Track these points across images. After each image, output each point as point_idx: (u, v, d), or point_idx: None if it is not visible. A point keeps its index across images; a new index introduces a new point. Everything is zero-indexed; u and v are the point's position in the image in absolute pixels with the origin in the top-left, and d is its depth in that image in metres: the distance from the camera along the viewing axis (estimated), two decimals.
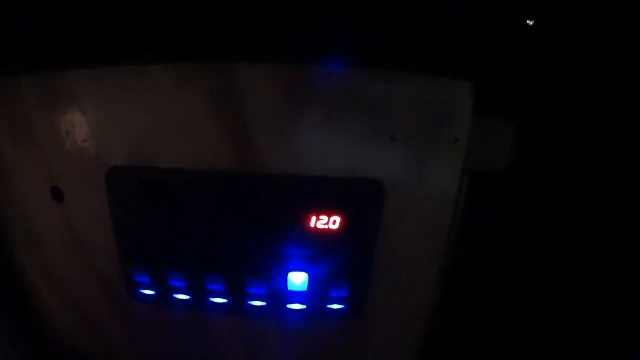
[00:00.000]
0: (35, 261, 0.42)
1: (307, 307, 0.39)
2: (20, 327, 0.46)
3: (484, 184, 0.39)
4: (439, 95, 0.33)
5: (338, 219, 0.35)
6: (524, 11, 0.45)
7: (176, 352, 0.44)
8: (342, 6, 0.36)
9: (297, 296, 0.38)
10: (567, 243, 0.46)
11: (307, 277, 0.37)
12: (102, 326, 0.43)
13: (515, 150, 0.37)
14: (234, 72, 0.32)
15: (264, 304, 0.39)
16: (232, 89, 0.33)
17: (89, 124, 0.35)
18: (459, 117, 0.34)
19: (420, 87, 0.33)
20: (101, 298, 0.41)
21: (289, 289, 0.38)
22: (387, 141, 0.33)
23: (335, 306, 0.38)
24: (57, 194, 0.38)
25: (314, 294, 0.38)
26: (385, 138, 0.33)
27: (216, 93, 0.33)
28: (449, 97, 0.33)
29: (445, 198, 0.36)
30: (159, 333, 0.42)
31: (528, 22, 0.45)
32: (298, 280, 0.37)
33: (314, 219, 0.35)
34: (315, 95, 0.32)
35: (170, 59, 0.33)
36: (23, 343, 0.46)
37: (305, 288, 0.38)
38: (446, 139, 0.34)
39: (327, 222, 0.35)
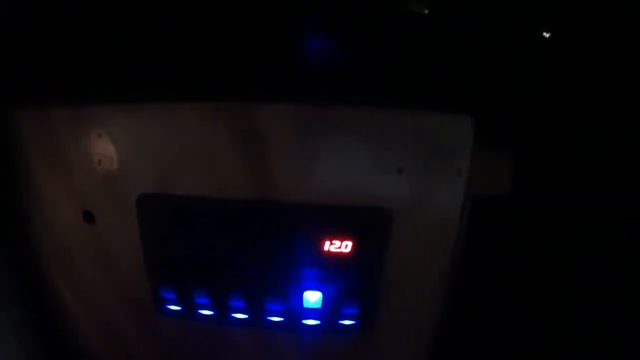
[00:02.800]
0: (67, 278, 0.45)
1: (321, 322, 0.41)
2: (50, 340, 0.48)
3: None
4: (441, 130, 0.36)
5: (350, 243, 0.38)
6: (521, 44, 0.48)
7: None
8: (351, 50, 0.38)
9: (311, 313, 0.41)
10: (566, 262, 0.49)
11: (321, 296, 0.40)
12: (129, 339, 0.46)
13: (516, 177, 0.39)
14: (254, 111, 0.35)
15: (281, 319, 0.42)
16: (252, 126, 0.36)
17: (120, 154, 0.38)
18: (461, 149, 0.36)
19: (424, 123, 0.36)
20: (129, 313, 0.44)
21: (304, 306, 0.41)
22: (394, 173, 0.36)
23: (347, 322, 0.41)
24: (89, 217, 0.41)
25: (327, 311, 0.41)
26: (393, 170, 0.36)
27: (238, 129, 0.36)
28: (451, 131, 0.36)
29: (448, 223, 0.38)
30: (183, 345, 0.46)
31: (526, 53, 0.48)
32: (313, 298, 0.40)
33: (327, 243, 0.38)
34: (328, 132, 0.35)
35: (196, 98, 0.37)
36: (54, 356, 0.49)
37: (319, 305, 0.40)
38: (449, 169, 0.37)
39: (340, 246, 0.38)
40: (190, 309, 0.42)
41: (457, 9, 0.46)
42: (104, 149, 0.38)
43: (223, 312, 0.42)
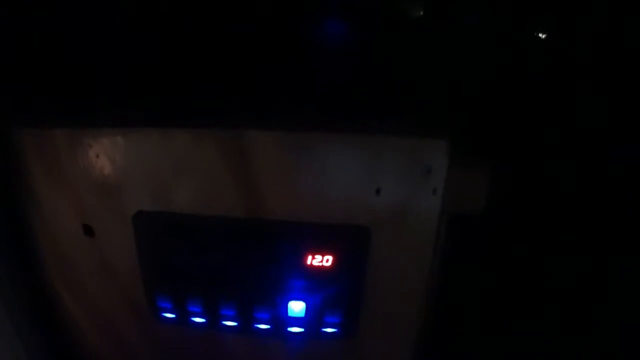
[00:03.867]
0: (69, 287, 0.47)
1: (305, 330, 0.44)
2: (51, 344, 0.51)
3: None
4: (417, 153, 0.38)
5: (331, 257, 0.40)
6: (499, 63, 0.50)
7: None
8: (331, 79, 0.41)
9: (296, 321, 0.44)
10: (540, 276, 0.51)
11: (305, 306, 0.43)
12: (128, 344, 0.49)
13: (491, 194, 0.42)
14: (244, 137, 0.38)
15: (268, 327, 0.44)
16: (242, 150, 0.38)
17: (118, 174, 0.41)
18: (436, 170, 0.39)
19: (401, 147, 0.38)
20: (128, 320, 0.47)
21: (289, 315, 0.43)
22: (372, 193, 0.39)
23: (330, 329, 0.44)
24: (88, 231, 0.44)
25: (311, 320, 0.43)
26: (371, 190, 0.39)
27: (228, 153, 0.38)
28: (426, 154, 0.38)
29: (424, 239, 0.41)
30: (178, 350, 0.49)
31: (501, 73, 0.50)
32: (297, 308, 0.43)
33: (310, 257, 0.40)
34: (311, 156, 0.38)
35: (191, 124, 0.39)
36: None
37: (303, 314, 0.43)
38: (425, 189, 0.39)
39: (322, 261, 0.40)
40: (184, 317, 0.45)
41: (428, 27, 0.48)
42: (101, 168, 0.41)
43: (215, 319, 0.45)
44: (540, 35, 0.51)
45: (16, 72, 0.43)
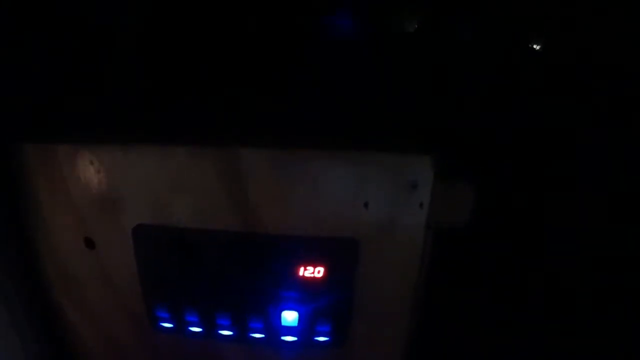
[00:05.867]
0: (70, 297, 0.49)
1: (297, 338, 0.46)
2: (52, 353, 0.52)
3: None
4: (403, 169, 0.40)
5: (322, 269, 0.42)
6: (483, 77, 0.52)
7: None
8: (321, 99, 0.43)
9: (289, 330, 0.45)
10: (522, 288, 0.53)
11: (297, 315, 0.45)
12: (127, 352, 0.51)
13: (475, 208, 0.43)
14: (238, 154, 0.40)
15: (262, 335, 0.46)
16: (237, 167, 0.40)
17: (118, 189, 0.42)
18: (422, 185, 0.41)
19: (388, 163, 0.40)
20: (127, 329, 0.49)
21: (282, 324, 0.45)
22: (361, 207, 0.41)
23: (321, 338, 0.46)
24: (89, 243, 0.45)
25: (303, 328, 0.45)
26: (359, 205, 0.41)
27: (223, 169, 0.40)
28: (412, 169, 0.40)
29: (411, 251, 0.43)
30: (175, 358, 0.50)
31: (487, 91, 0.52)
32: (290, 317, 0.45)
33: (302, 269, 0.42)
34: (303, 172, 0.40)
35: (188, 141, 0.41)
36: None
37: (295, 324, 0.45)
38: (411, 203, 0.41)
39: (313, 272, 0.42)
40: (181, 326, 0.47)
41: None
42: (102, 183, 0.43)
43: (211, 329, 0.46)
44: (530, 48, 0.53)
45: (20, 88, 0.45)
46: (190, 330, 0.47)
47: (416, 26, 0.52)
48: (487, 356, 0.55)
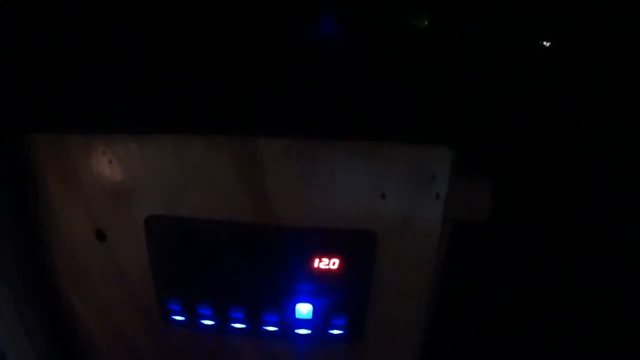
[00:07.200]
0: (81, 289, 0.49)
1: (312, 332, 0.45)
2: (62, 346, 0.52)
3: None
4: (421, 160, 0.40)
5: (337, 261, 0.42)
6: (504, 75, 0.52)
7: None
8: (339, 89, 0.43)
9: (303, 323, 0.45)
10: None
11: (312, 308, 0.44)
12: (138, 345, 0.50)
13: (496, 202, 0.43)
14: (254, 144, 0.39)
15: (276, 329, 0.46)
16: (252, 157, 0.40)
17: (131, 179, 0.42)
18: (439, 177, 0.40)
19: (405, 154, 0.40)
20: (139, 322, 0.48)
21: (296, 317, 0.45)
22: (378, 198, 0.40)
23: (336, 331, 0.45)
24: (101, 235, 0.45)
25: (317, 322, 0.45)
26: (376, 196, 0.40)
27: (239, 159, 0.40)
28: (429, 161, 0.40)
29: (428, 243, 0.42)
30: (187, 352, 0.50)
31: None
32: (304, 310, 0.44)
33: (317, 261, 0.42)
34: (319, 163, 0.39)
35: (202, 131, 0.41)
36: None
37: (310, 317, 0.44)
38: (428, 195, 0.41)
39: (328, 264, 0.42)
40: (193, 320, 0.46)
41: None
42: (114, 174, 0.42)
43: (224, 322, 0.46)
44: (543, 45, 0.52)
45: (32, 79, 0.45)
46: (203, 324, 0.47)
47: (431, 22, 0.51)
48: (499, 351, 0.54)
